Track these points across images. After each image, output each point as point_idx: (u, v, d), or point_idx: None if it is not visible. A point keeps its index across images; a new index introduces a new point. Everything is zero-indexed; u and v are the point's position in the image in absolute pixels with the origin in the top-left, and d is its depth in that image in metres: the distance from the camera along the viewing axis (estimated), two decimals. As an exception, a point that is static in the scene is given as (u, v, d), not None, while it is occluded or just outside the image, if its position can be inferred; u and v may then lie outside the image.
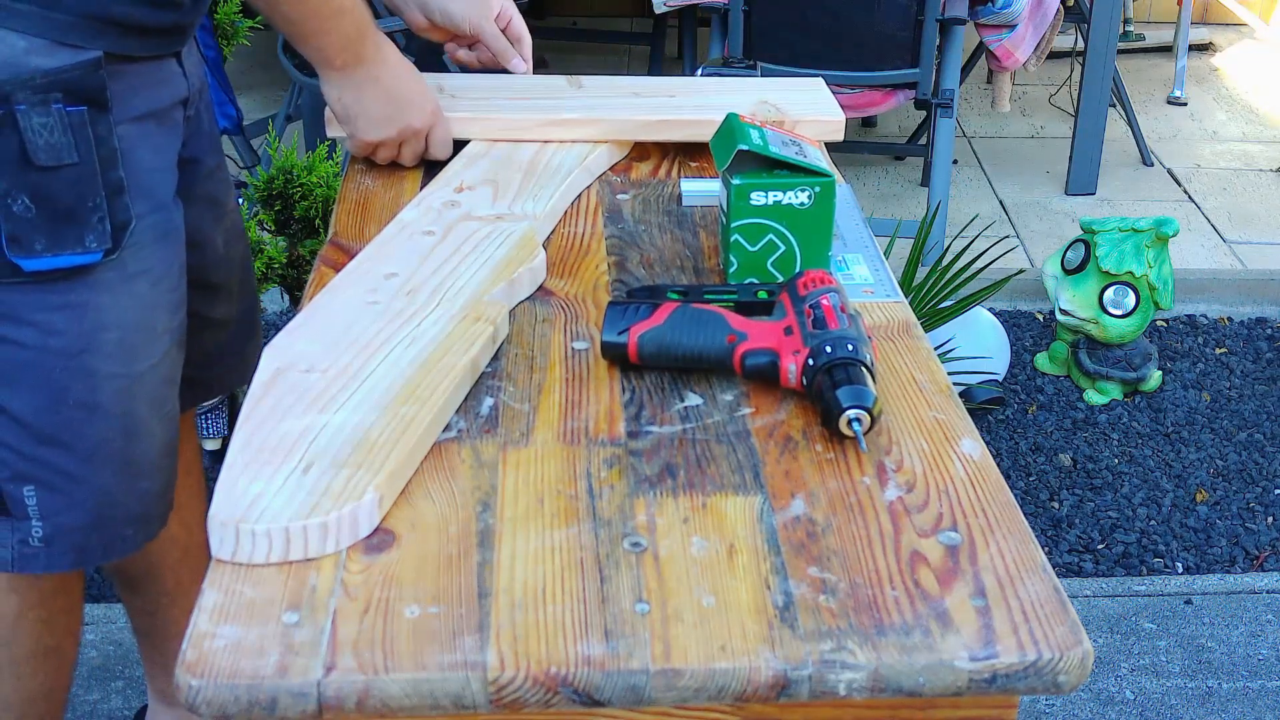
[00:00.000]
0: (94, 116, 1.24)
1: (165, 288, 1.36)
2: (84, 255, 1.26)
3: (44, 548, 1.36)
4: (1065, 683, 0.85)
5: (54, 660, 1.53)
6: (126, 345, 1.33)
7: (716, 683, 0.84)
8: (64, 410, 1.31)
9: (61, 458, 1.33)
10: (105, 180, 1.26)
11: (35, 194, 1.22)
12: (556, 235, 1.39)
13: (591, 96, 1.63)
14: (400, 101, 1.47)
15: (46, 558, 1.36)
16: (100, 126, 1.25)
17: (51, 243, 1.24)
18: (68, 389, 1.31)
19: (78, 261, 1.26)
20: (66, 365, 1.30)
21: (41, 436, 1.32)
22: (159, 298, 1.36)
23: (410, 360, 1.10)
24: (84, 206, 1.25)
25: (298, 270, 2.38)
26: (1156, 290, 2.94)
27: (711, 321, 1.12)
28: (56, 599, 1.50)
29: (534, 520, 0.96)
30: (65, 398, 1.31)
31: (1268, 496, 2.71)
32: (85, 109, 1.23)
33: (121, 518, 1.39)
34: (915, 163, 4.06)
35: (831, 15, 3.26)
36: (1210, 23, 5.32)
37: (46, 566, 1.37)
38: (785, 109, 1.58)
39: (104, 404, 1.33)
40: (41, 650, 1.51)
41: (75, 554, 1.37)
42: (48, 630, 1.51)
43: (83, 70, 1.22)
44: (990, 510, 0.97)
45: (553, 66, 4.52)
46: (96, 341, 1.31)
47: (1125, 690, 2.18)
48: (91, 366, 1.31)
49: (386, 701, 0.82)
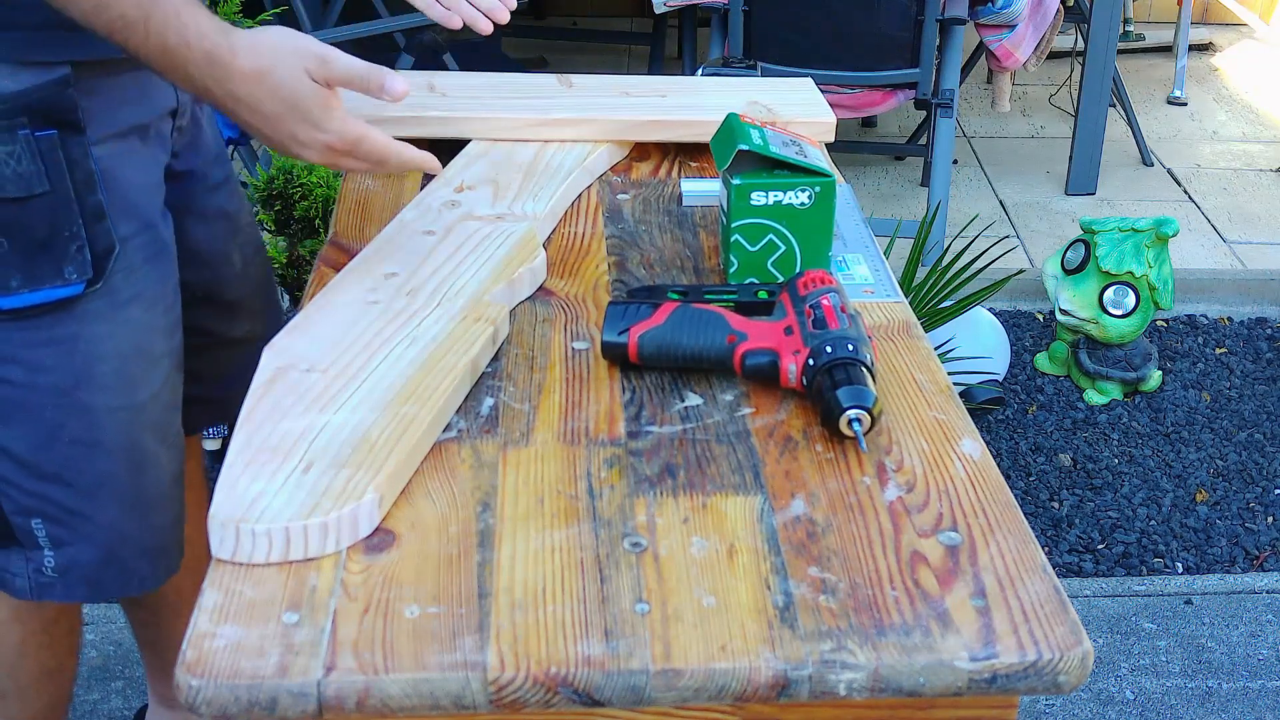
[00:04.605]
0: (66, 139, 1.16)
1: (160, 310, 1.31)
2: (64, 288, 1.20)
3: (59, 578, 1.32)
4: (1065, 683, 0.85)
5: (57, 679, 1.52)
6: (125, 375, 1.27)
7: (716, 683, 0.84)
8: (59, 447, 1.26)
9: (64, 495, 1.29)
10: (82, 207, 1.19)
11: (5, 228, 1.16)
12: (557, 235, 1.39)
13: (582, 96, 1.63)
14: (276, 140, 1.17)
15: (63, 587, 1.32)
16: (74, 149, 1.17)
17: (28, 278, 1.18)
18: (62, 426, 1.26)
19: (58, 295, 1.20)
20: (58, 403, 1.25)
21: (41, 473, 1.27)
22: (154, 321, 1.30)
23: (410, 360, 1.10)
24: (60, 237, 1.18)
25: (298, 270, 2.38)
26: (1156, 290, 2.94)
27: (711, 321, 1.12)
28: (59, 623, 1.48)
29: (534, 520, 0.96)
30: (60, 435, 1.26)
31: (1268, 496, 2.71)
32: (55, 132, 1.15)
33: (135, 553, 1.34)
34: (915, 163, 4.05)
35: (831, 15, 3.26)
36: (1210, 23, 5.32)
37: (64, 596, 1.33)
38: (776, 109, 1.58)
39: (105, 440, 1.27)
40: (45, 673, 1.49)
41: (88, 587, 1.33)
42: (51, 654, 1.49)
43: (49, 90, 1.14)
44: (990, 510, 0.97)
45: (552, 66, 4.52)
46: (91, 375, 1.25)
47: (1125, 690, 2.18)
48: (87, 402, 1.25)
49: (386, 702, 0.82)
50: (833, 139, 1.56)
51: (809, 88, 1.68)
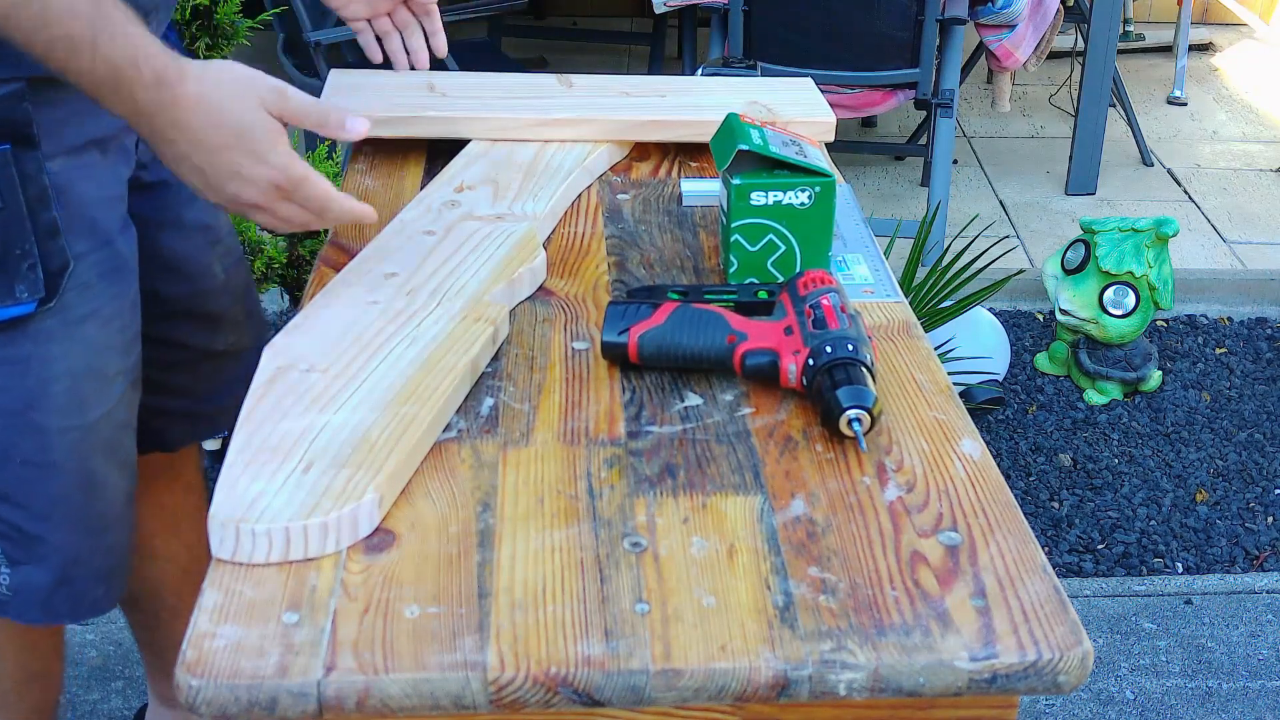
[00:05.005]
0: (19, 154, 1.13)
1: (116, 328, 1.27)
2: (15, 307, 1.16)
3: (13, 596, 1.29)
4: (1065, 683, 0.85)
5: (40, 683, 1.50)
6: (77, 395, 1.24)
7: (716, 683, 0.84)
8: (11, 468, 1.23)
9: (17, 515, 1.26)
10: (35, 224, 1.15)
11: None
12: (557, 235, 1.39)
13: (582, 96, 1.63)
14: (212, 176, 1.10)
15: (16, 607, 1.30)
16: (27, 164, 1.13)
17: None
18: (14, 446, 1.23)
19: (8, 314, 1.17)
20: (10, 423, 1.22)
21: None
22: (109, 339, 1.26)
23: (410, 360, 1.10)
24: (11, 255, 1.14)
25: (298, 270, 2.38)
26: (1156, 290, 2.94)
27: (711, 321, 1.12)
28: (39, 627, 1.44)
29: (534, 520, 0.96)
30: (12, 455, 1.23)
31: (1268, 496, 2.71)
32: (8, 147, 1.12)
33: (89, 575, 1.31)
34: (915, 163, 4.06)
35: (831, 15, 3.26)
36: (1210, 23, 5.32)
37: (17, 616, 1.31)
38: (775, 109, 1.58)
39: (57, 461, 1.24)
40: (27, 677, 1.47)
41: (40, 610, 1.31)
42: (34, 657, 1.47)
43: (2, 105, 1.11)
44: (990, 510, 0.97)
45: (552, 66, 4.52)
46: (43, 395, 1.22)
47: (1125, 690, 2.18)
48: (39, 423, 1.22)
49: (386, 702, 0.82)
50: (833, 139, 1.56)
51: (809, 88, 1.68)
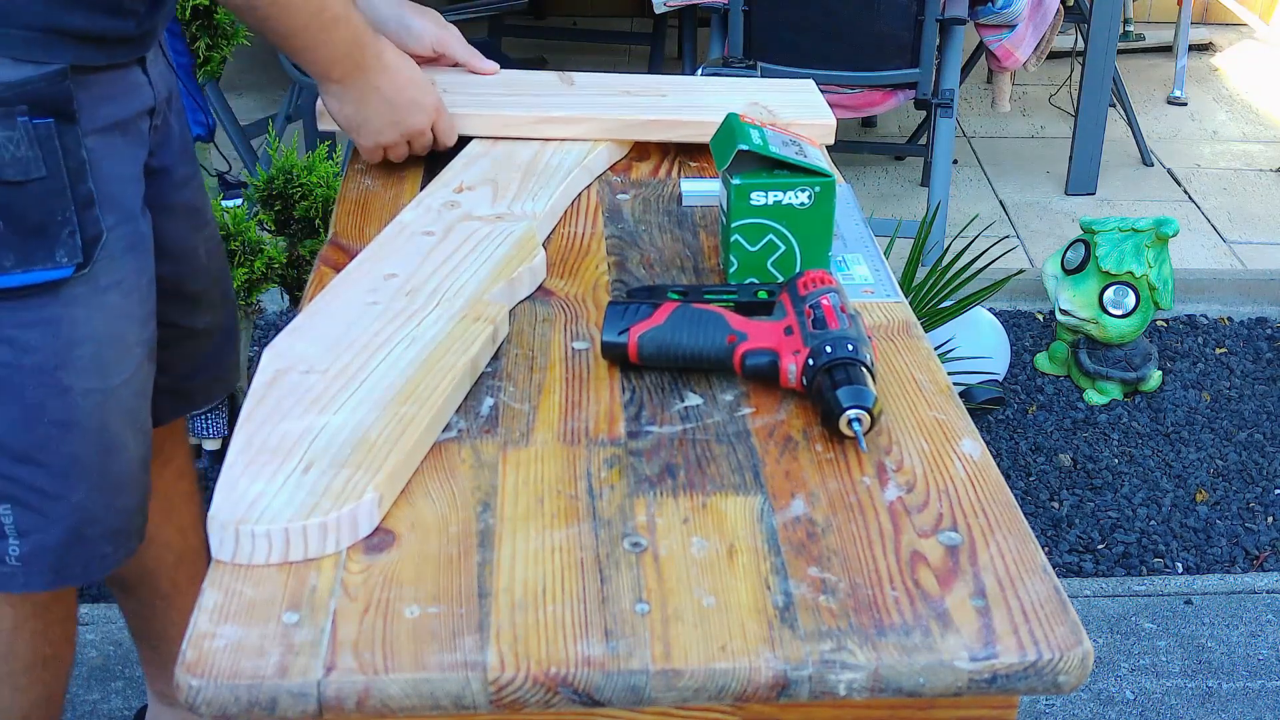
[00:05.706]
0: (61, 128, 1.21)
1: (136, 299, 1.34)
2: (55, 270, 1.24)
3: (21, 567, 1.33)
4: (1065, 683, 0.85)
5: (52, 668, 1.52)
6: (100, 359, 1.31)
7: (716, 683, 0.83)
8: (40, 428, 1.29)
9: (38, 476, 1.31)
10: (75, 194, 1.23)
11: (4, 209, 1.20)
12: (556, 235, 1.39)
13: (582, 95, 1.63)
14: (402, 106, 1.44)
15: (24, 577, 1.34)
16: (68, 138, 1.22)
17: (21, 258, 1.22)
18: (43, 406, 1.28)
19: (49, 277, 1.24)
20: (41, 382, 1.28)
21: (16, 454, 1.30)
22: (130, 309, 1.34)
23: (410, 360, 1.10)
24: (54, 221, 1.22)
25: (298, 270, 2.38)
26: (1156, 290, 2.94)
27: (711, 321, 1.12)
28: (52, 609, 1.49)
29: (534, 520, 0.96)
30: (41, 415, 1.29)
31: (1268, 496, 2.71)
32: (52, 121, 1.20)
33: (100, 535, 1.36)
34: (915, 163, 4.06)
35: (831, 15, 3.26)
36: (1210, 23, 5.32)
37: (24, 586, 1.35)
38: (776, 110, 1.58)
39: (80, 420, 1.30)
40: (39, 660, 1.50)
41: (52, 574, 1.35)
42: (45, 640, 1.49)
43: (48, 81, 1.19)
44: (990, 510, 0.97)
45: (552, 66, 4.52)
46: (71, 357, 1.28)
47: (1125, 690, 2.18)
48: (66, 383, 1.29)
49: (386, 702, 0.82)
50: (833, 141, 1.56)
51: (809, 88, 1.68)
